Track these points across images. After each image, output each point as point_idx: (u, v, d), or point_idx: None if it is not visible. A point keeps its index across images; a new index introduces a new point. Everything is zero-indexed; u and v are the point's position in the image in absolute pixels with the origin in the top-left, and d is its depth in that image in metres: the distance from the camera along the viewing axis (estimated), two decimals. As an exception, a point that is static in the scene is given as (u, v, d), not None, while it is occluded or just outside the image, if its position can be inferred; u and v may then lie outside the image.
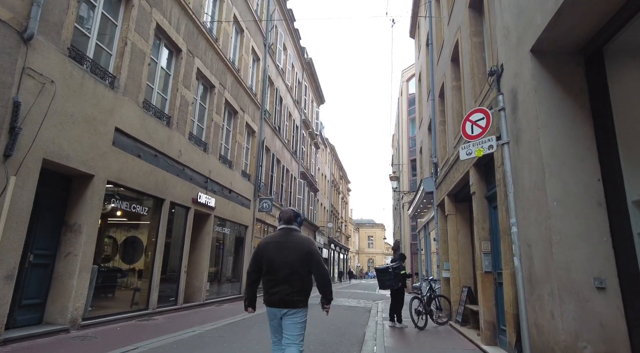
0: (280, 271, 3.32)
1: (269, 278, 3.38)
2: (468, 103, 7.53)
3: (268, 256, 3.38)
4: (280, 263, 3.33)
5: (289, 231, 3.49)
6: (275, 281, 3.33)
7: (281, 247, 3.39)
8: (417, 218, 16.62)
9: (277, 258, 3.34)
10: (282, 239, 3.44)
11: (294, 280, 3.32)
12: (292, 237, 3.44)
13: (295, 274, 3.32)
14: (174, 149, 9.66)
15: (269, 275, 3.38)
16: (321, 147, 34.51)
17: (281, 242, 3.42)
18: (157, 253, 9.02)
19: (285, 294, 3.30)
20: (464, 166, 7.42)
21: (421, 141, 15.80)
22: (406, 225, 26.02)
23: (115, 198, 7.88)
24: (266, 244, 3.47)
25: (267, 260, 3.38)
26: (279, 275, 3.32)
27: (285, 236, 3.46)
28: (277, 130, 18.74)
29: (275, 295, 3.33)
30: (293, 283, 3.32)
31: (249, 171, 15.47)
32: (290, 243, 3.39)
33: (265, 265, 3.38)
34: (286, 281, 3.31)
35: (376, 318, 10.51)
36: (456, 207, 9.28)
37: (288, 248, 3.37)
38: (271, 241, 3.47)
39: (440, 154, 10.72)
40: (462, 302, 8.31)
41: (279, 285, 3.32)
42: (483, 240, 6.43)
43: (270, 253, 3.38)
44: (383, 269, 8.87)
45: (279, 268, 3.32)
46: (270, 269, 3.36)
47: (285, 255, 3.34)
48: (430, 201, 12.66)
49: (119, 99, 7.66)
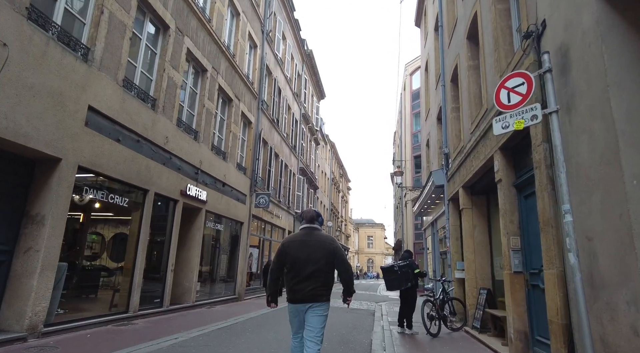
0: (305, 269, 3.40)
1: (292, 275, 3.45)
2: (491, 80, 6.62)
3: (292, 254, 3.45)
4: (304, 260, 3.40)
5: (312, 230, 3.56)
6: (299, 278, 3.41)
7: (305, 245, 3.45)
8: (423, 216, 15.71)
9: (301, 256, 3.42)
10: (306, 237, 3.51)
11: (318, 276, 3.39)
12: (315, 235, 3.51)
13: (319, 271, 3.40)
14: (159, 135, 8.73)
15: (292, 272, 3.45)
16: (321, 143, 33.58)
17: (305, 240, 3.49)
18: (139, 250, 8.09)
19: (310, 289, 3.37)
20: (486, 151, 6.50)
21: (428, 134, 14.89)
22: (409, 223, 25.10)
23: (90, 187, 6.95)
24: (290, 242, 3.55)
25: (291, 258, 3.45)
26: (303, 272, 3.40)
27: (308, 235, 3.52)
28: (275, 123, 17.81)
29: (299, 292, 3.40)
30: (317, 279, 3.39)
31: (244, 164, 14.54)
32: (314, 241, 3.46)
33: (289, 263, 3.46)
34: (310, 278, 3.39)
35: (381, 322, 9.60)
36: (472, 200, 8.36)
37: (311, 246, 3.44)
38: (294, 240, 3.55)
39: (453, 143, 9.81)
40: (481, 306, 7.40)
41: (303, 282, 3.39)
42: (512, 235, 5.51)
43: (294, 251, 3.45)
44: (388, 268, 7.97)
45: (303, 265, 3.40)
46: (293, 267, 3.44)
47: (309, 253, 3.41)
48: (439, 196, 11.75)
49: (94, 75, 6.73)
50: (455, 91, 10.14)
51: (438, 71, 12.39)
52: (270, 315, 9.88)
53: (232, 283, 13.52)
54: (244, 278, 14.01)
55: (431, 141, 13.84)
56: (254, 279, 16.03)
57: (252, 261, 15.44)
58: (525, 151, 5.41)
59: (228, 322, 8.48)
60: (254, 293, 15.42)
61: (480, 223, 8.22)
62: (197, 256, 10.60)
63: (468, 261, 8.12)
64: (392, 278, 7.81)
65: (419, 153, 24.84)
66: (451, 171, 9.77)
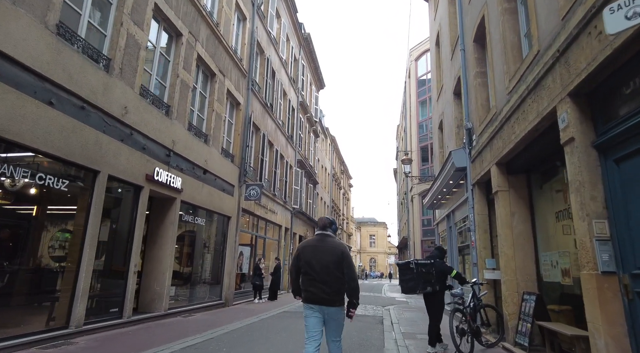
0: (317, 272, 3.64)
1: (307, 277, 3.71)
2: (544, 18, 4.85)
3: (305, 257, 3.74)
4: (316, 264, 3.66)
5: (325, 236, 3.83)
6: (313, 280, 3.66)
7: (317, 250, 3.73)
8: (435, 209, 13.94)
9: (314, 260, 3.69)
10: (318, 243, 3.78)
11: (330, 280, 3.61)
12: (327, 242, 3.78)
13: (330, 274, 3.62)
14: (115, 104, 6.98)
15: (307, 274, 3.72)
16: (321, 136, 31.81)
17: (317, 246, 3.77)
18: (86, 248, 6.34)
19: (324, 293, 3.60)
20: (541, 106, 4.72)
21: (441, 114, 13.11)
22: (416, 219, 23.34)
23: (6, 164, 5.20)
24: (304, 247, 3.84)
25: (305, 261, 3.73)
26: (315, 275, 3.64)
27: (320, 240, 3.80)
28: (268, 107, 16.05)
29: (313, 294, 3.64)
30: (329, 283, 3.61)
31: (232, 150, 12.78)
32: (326, 247, 3.73)
33: (303, 266, 3.74)
34: (323, 281, 3.61)
35: (393, 333, 7.84)
36: (509, 181, 6.60)
37: (323, 251, 3.70)
38: (308, 244, 3.84)
39: (478, 116, 8.03)
40: (527, 317, 5.63)
41: (316, 284, 3.63)
42: (595, 218, 3.73)
43: (308, 255, 3.74)
44: (404, 264, 6.23)
45: (316, 268, 3.65)
46: (307, 269, 3.71)
47: (321, 257, 3.68)
48: (459, 183, 9.98)
49: (6, 9, 4.99)
50: (480, 52, 8.37)
51: (454, 37, 10.62)
52: (257, 326, 8.12)
53: (218, 286, 11.77)
54: (232, 280, 12.25)
55: (446, 121, 12.06)
56: (246, 281, 14.27)
57: (242, 261, 13.68)
58: (616, 93, 3.63)
59: (204, 336, 6.75)
60: (245, 297, 13.67)
61: (520, 209, 6.45)
62: (170, 255, 8.85)
63: (505, 257, 6.34)
64: (407, 278, 6.07)
65: (425, 144, 23.08)
66: (477, 148, 7.99)
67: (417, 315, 11.09)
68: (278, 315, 10.34)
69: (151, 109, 8.11)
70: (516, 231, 6.38)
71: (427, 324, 6.21)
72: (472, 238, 8.30)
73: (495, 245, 7.83)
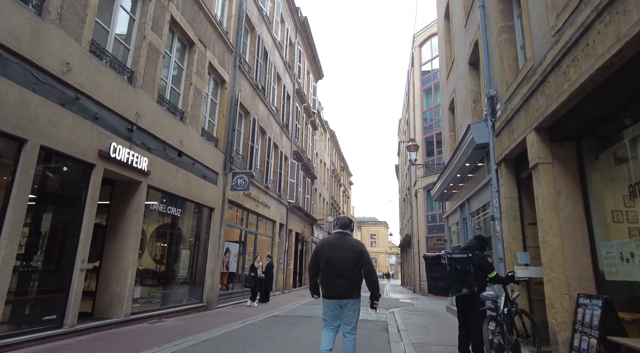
0: (337, 268, 3.90)
1: (326, 274, 3.96)
2: None
3: (325, 255, 3.97)
4: (336, 261, 3.91)
5: (343, 235, 4.11)
6: (332, 276, 3.91)
7: (336, 248, 3.98)
8: (445, 200, 12.47)
9: (334, 257, 3.92)
10: (338, 241, 4.05)
11: (348, 275, 3.89)
12: (346, 240, 4.05)
13: (349, 270, 3.89)
14: (51, 57, 5.53)
15: (326, 271, 3.96)
16: (320, 130, 30.36)
17: (337, 244, 4.02)
18: (3, 238, 4.87)
19: (343, 288, 3.87)
20: (630, 21, 3.25)
21: (452, 93, 11.64)
22: (421, 215, 21.86)
23: None
24: (323, 245, 4.10)
25: (324, 258, 3.98)
26: (335, 271, 3.90)
27: (340, 239, 4.07)
28: (259, 90, 14.60)
29: (333, 289, 3.90)
30: (348, 278, 3.89)
31: (216, 133, 11.34)
32: (345, 245, 3.99)
33: (323, 263, 3.98)
34: (342, 277, 3.88)
35: (401, 344, 6.40)
36: (553, 151, 5.13)
37: (342, 249, 3.96)
38: (328, 242, 4.10)
39: (505, 78, 6.57)
40: (589, 329, 4.15)
41: (336, 280, 3.88)
42: None
43: (327, 253, 3.97)
44: (433, 259, 4.79)
45: (335, 265, 3.91)
46: (327, 266, 3.95)
47: (340, 255, 3.92)
48: (476, 165, 8.51)
49: None
50: (506, 3, 6.91)
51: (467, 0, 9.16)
52: (237, 334, 6.65)
53: (199, 286, 10.31)
54: (215, 280, 10.80)
55: (459, 98, 10.58)
56: (234, 281, 12.81)
57: (229, 258, 12.22)
58: None
59: (163, 350, 5.29)
60: (232, 299, 12.21)
61: (568, 185, 4.99)
62: (133, 250, 7.39)
63: (550, 249, 4.86)
64: (437, 275, 4.63)
65: (430, 134, 21.65)
66: (503, 118, 6.52)
67: (426, 320, 9.62)
68: (265, 320, 8.88)
69: (107, 72, 6.66)
70: (563, 215, 4.91)
71: (440, 332, 4.78)
72: (497, 228, 6.82)
73: (527, 236, 6.37)
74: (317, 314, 10.14)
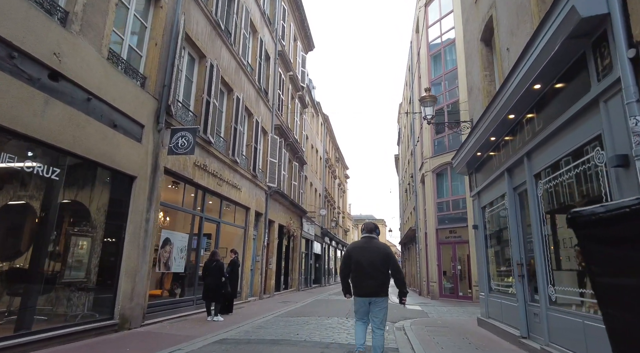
0: (366, 270, 4.39)
1: (356, 274, 4.49)
2: None
3: (355, 258, 4.49)
4: (365, 263, 4.41)
5: (370, 239, 4.64)
6: (362, 277, 4.42)
7: (365, 251, 4.51)
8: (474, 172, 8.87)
9: (363, 259, 4.43)
10: (366, 245, 4.58)
11: (377, 276, 4.38)
12: (373, 243, 4.60)
13: (377, 271, 4.39)
14: None
15: (356, 272, 4.48)
16: (311, 110, 26.78)
17: (365, 247, 4.55)
18: None
19: (372, 287, 4.39)
20: None
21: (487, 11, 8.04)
22: (429, 204, 18.31)
23: None
24: (353, 248, 4.67)
25: (354, 260, 4.48)
26: (364, 272, 4.40)
27: (367, 242, 4.61)
28: (222, 30, 11.00)
29: (364, 289, 4.42)
30: (376, 278, 4.38)
31: (143, 68, 7.74)
32: (372, 248, 4.52)
33: (353, 265, 4.50)
34: (371, 277, 4.38)
35: None
36: None
37: (371, 251, 4.48)
38: (357, 246, 4.66)
39: None
40: None
41: (366, 280, 4.40)
42: None
43: (357, 256, 4.50)
44: None
45: (365, 267, 4.40)
46: (357, 268, 4.46)
47: (369, 257, 4.43)
48: (551, 85, 4.93)
49: None
50: None
51: None
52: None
53: (109, 294, 6.70)
54: (140, 284, 7.20)
55: (502, 11, 6.98)
56: (177, 286, 9.18)
57: (170, 253, 8.60)
58: None
59: None
60: (176, 311, 8.60)
61: None
62: None
63: None
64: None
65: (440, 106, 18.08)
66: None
67: (460, 343, 6.08)
68: (204, 349, 5.30)
69: None
70: None
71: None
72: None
73: None
74: (291, 338, 6.56)
